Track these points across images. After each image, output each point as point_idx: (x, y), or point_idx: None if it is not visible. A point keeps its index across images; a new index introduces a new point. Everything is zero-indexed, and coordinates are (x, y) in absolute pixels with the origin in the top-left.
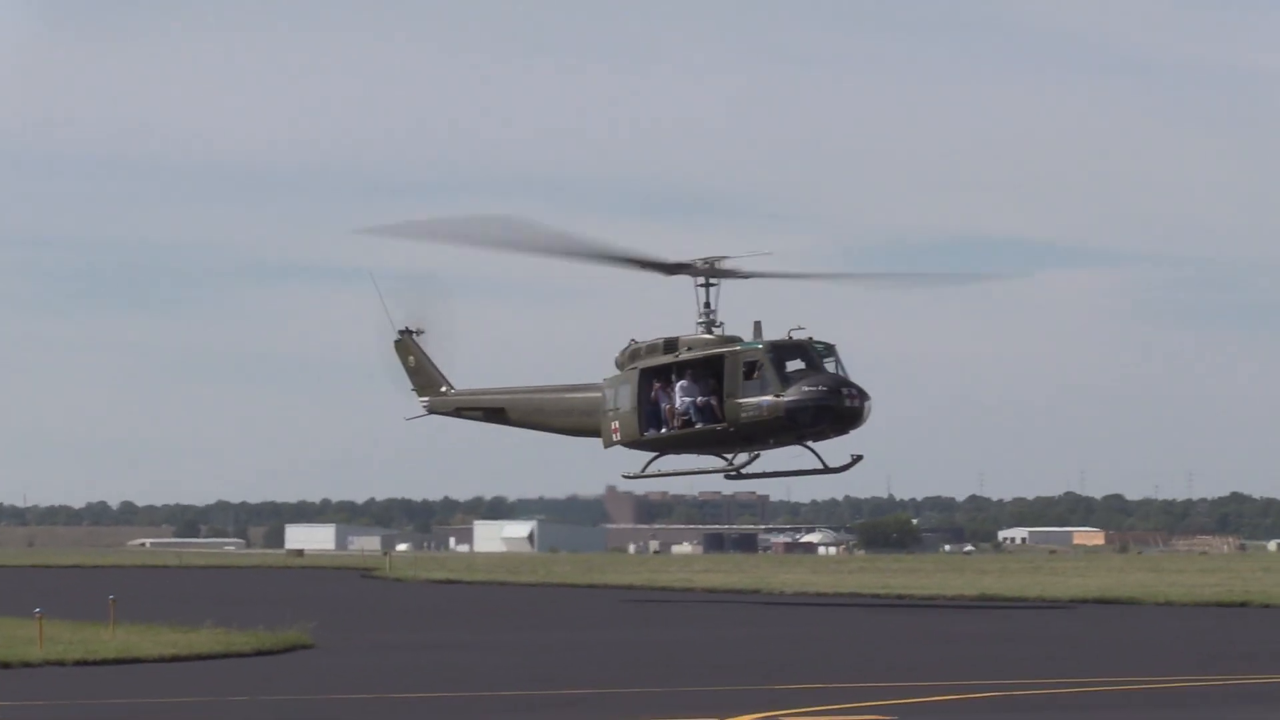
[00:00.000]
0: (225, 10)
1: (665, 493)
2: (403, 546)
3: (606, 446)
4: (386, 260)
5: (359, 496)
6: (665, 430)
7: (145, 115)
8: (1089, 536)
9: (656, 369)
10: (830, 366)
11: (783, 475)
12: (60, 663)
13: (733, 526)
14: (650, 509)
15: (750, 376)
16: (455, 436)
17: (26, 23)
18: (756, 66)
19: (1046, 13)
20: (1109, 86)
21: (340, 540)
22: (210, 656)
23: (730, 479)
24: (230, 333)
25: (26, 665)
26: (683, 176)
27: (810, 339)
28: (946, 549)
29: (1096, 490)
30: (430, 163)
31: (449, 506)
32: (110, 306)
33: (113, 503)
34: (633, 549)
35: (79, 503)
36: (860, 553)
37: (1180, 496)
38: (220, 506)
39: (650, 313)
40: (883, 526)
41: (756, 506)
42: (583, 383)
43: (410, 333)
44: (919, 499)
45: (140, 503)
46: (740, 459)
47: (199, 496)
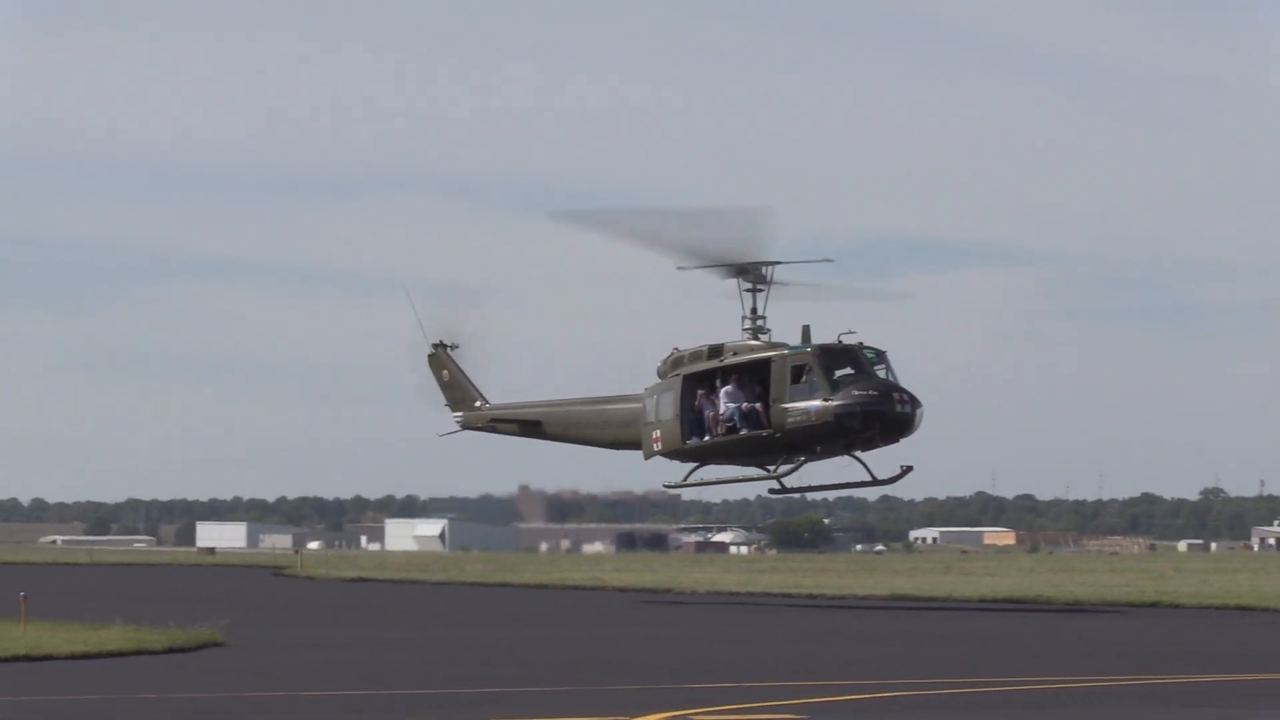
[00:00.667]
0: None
1: (576, 491)
2: (314, 545)
3: (647, 458)
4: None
5: (270, 494)
6: (708, 438)
7: (53, 110)
8: (1000, 537)
9: (700, 375)
10: (881, 373)
11: (829, 488)
12: None
13: (645, 526)
14: (562, 508)
15: (798, 381)
16: (366, 435)
17: None
18: (663, 66)
19: (959, 10)
20: (1023, 85)
21: (251, 538)
22: (121, 654)
23: (774, 494)
24: (141, 330)
25: None
26: (576, 176)
27: (860, 344)
28: (858, 549)
29: (1008, 490)
30: (333, 157)
31: (360, 505)
32: (19, 303)
33: (23, 500)
34: (544, 548)
35: None
36: (772, 552)
37: (1091, 497)
38: (131, 504)
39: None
40: (794, 526)
41: (668, 505)
42: (621, 394)
43: (444, 346)
44: (831, 499)
45: (51, 500)
46: (782, 469)
47: (110, 494)
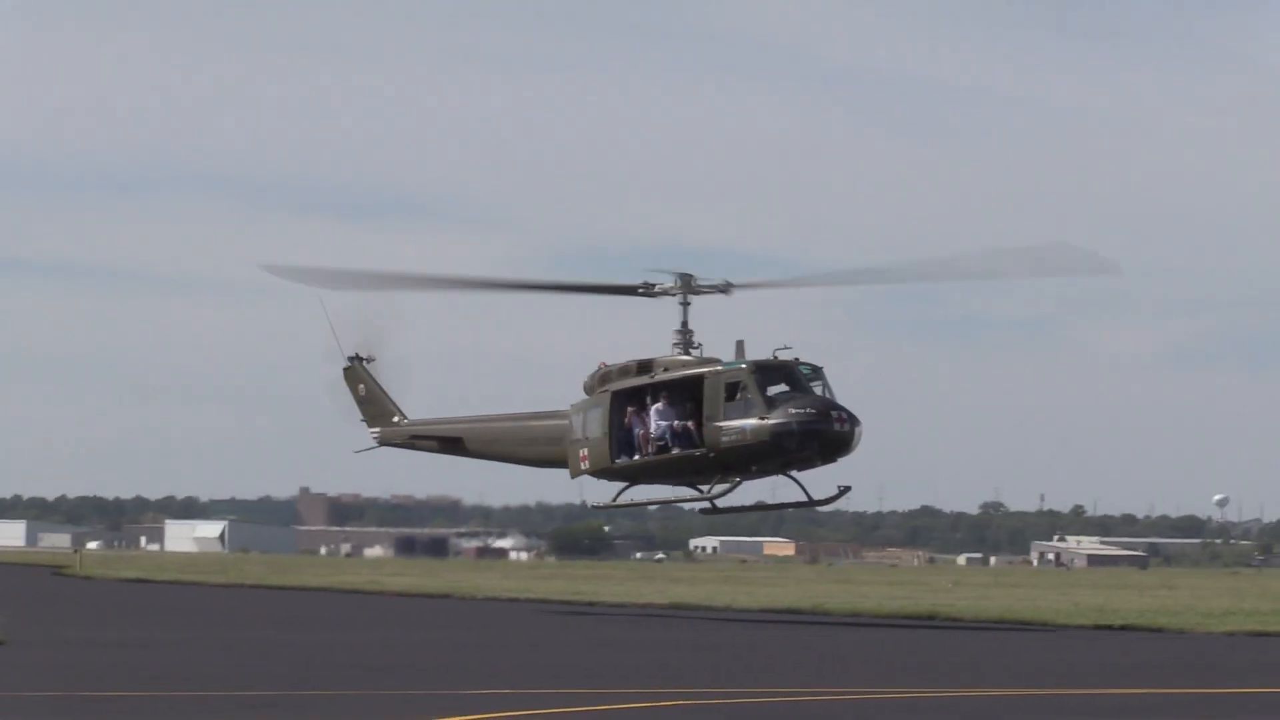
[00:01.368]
0: None
1: (358, 495)
2: (93, 544)
3: (574, 476)
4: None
5: (50, 493)
6: (638, 457)
7: None
8: (780, 547)
9: (629, 391)
10: (818, 389)
11: (764, 509)
12: None
13: (424, 530)
14: (343, 511)
15: (732, 399)
16: (148, 435)
17: None
18: (462, 71)
19: (752, 20)
20: (816, 95)
21: (30, 537)
22: None
23: (705, 514)
24: None
25: None
26: (380, 179)
27: (796, 360)
28: (638, 556)
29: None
30: (120, 156)
31: (140, 505)
32: None
33: None
34: (324, 551)
35: None
36: (552, 559)
37: (871, 509)
38: None
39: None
40: (574, 533)
41: (449, 510)
42: (546, 410)
43: (360, 359)
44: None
45: None
46: (717, 489)
47: None
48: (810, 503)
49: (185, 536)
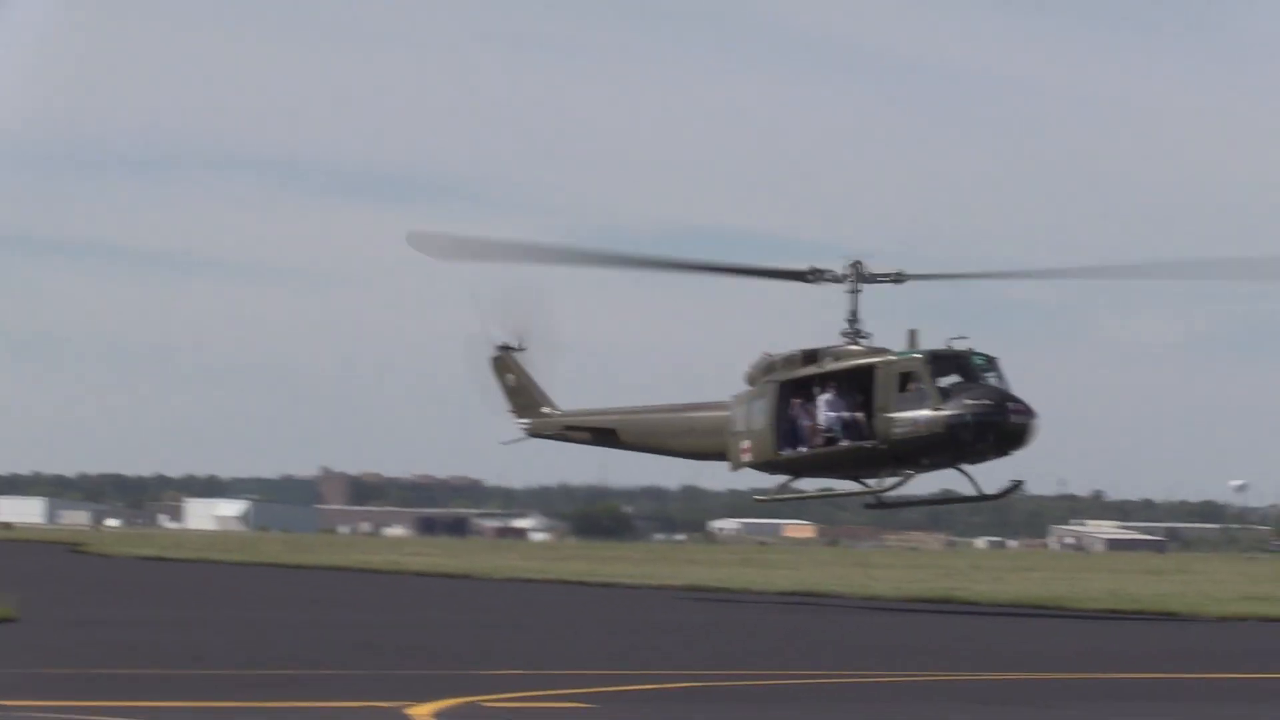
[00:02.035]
0: None
1: (379, 474)
2: (113, 522)
3: (734, 469)
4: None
5: (70, 470)
6: (805, 449)
7: None
8: (800, 529)
9: (797, 381)
10: (992, 380)
11: (931, 502)
12: None
13: (445, 510)
14: (364, 490)
15: (905, 389)
16: (170, 413)
17: None
18: (475, 49)
19: (792, 10)
20: (843, 83)
21: (50, 514)
22: None
23: (870, 508)
24: None
25: None
26: (392, 158)
27: (971, 349)
28: (658, 538)
29: (809, 484)
30: (137, 136)
31: (161, 483)
32: None
33: None
34: (344, 530)
35: None
36: (572, 540)
37: (893, 494)
38: None
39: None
40: (595, 514)
41: (470, 490)
42: (705, 401)
43: (510, 349)
44: (633, 488)
45: None
46: (887, 483)
47: None
48: (980, 497)
49: (206, 515)
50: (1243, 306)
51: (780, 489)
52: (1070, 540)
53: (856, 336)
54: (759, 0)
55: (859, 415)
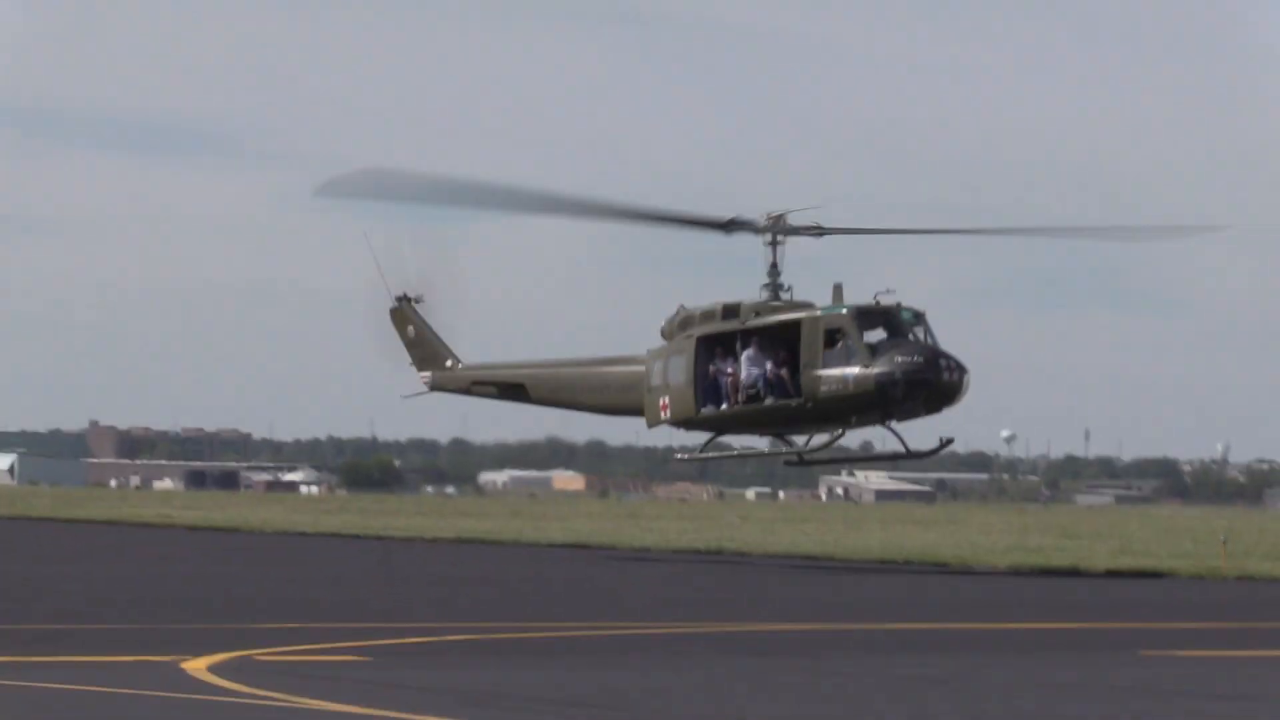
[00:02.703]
0: None
1: (148, 428)
2: None
3: (651, 425)
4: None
5: None
6: (726, 406)
7: None
8: (569, 481)
9: (718, 336)
10: (922, 335)
11: (857, 461)
12: None
13: (215, 464)
14: (133, 444)
15: (832, 345)
16: None
17: None
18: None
19: None
20: (622, 39)
21: None
22: None
23: (790, 465)
24: None
25: None
26: (168, 111)
27: (899, 304)
28: (429, 490)
29: (579, 435)
30: None
31: None
32: None
33: None
34: (114, 484)
35: None
36: (342, 492)
37: (661, 444)
38: None
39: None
40: (364, 468)
41: (239, 444)
42: (618, 355)
43: (409, 299)
44: (402, 440)
45: None
46: (817, 441)
47: None
48: (908, 454)
49: None
50: (1011, 259)
51: (703, 448)
52: (840, 490)
53: (778, 291)
54: None
55: (784, 372)
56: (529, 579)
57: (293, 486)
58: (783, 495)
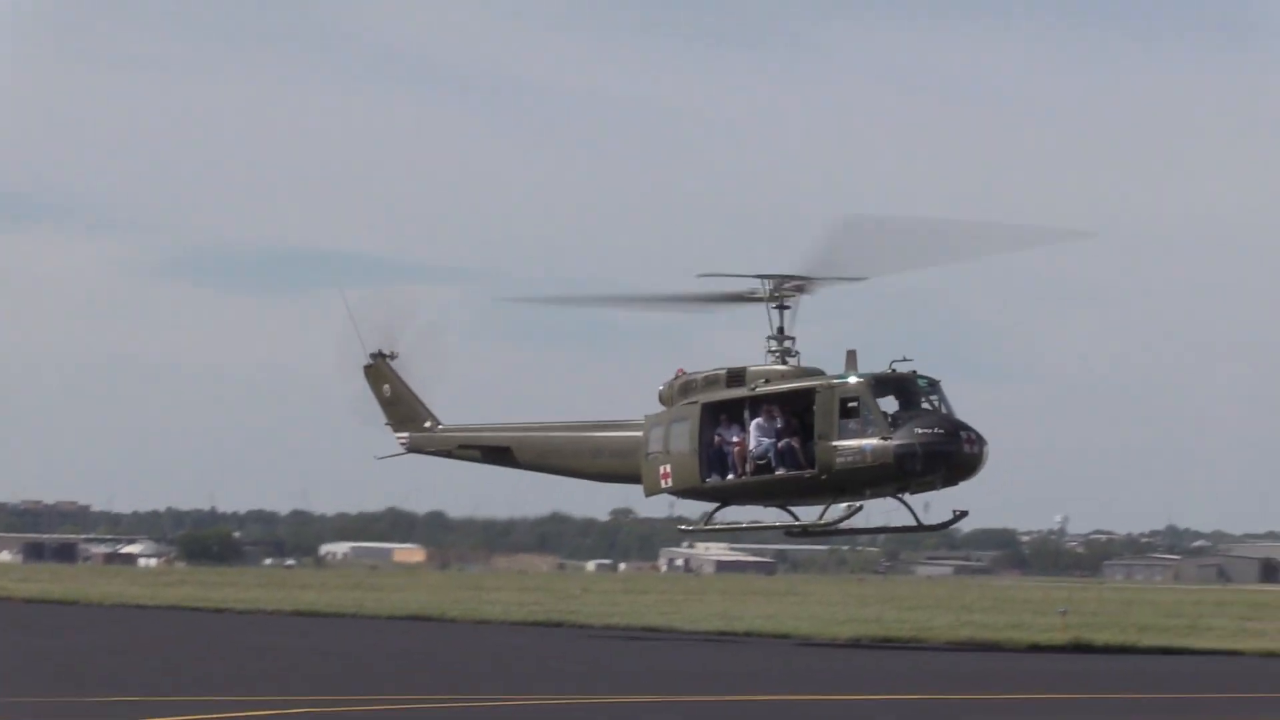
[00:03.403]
0: None
1: None
2: None
3: (649, 494)
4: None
5: None
6: (734, 476)
7: None
8: (410, 554)
9: (724, 404)
10: (938, 405)
11: (863, 532)
12: None
13: (53, 535)
14: None
15: (848, 415)
16: None
17: None
18: (63, 67)
19: (374, 26)
20: (433, 100)
21: None
22: None
23: (793, 535)
24: None
25: None
26: (6, 178)
27: (914, 373)
28: (268, 562)
29: (419, 507)
30: None
31: None
32: None
33: None
34: None
35: None
36: (181, 565)
37: (502, 515)
38: None
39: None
40: (204, 539)
41: (78, 516)
42: (613, 419)
43: (384, 356)
44: (242, 512)
45: None
46: (834, 513)
47: None
48: (920, 528)
49: None
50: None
51: (707, 519)
52: (680, 562)
53: (785, 355)
54: (352, 19)
55: (795, 441)
56: (369, 651)
57: (131, 559)
58: (623, 567)
